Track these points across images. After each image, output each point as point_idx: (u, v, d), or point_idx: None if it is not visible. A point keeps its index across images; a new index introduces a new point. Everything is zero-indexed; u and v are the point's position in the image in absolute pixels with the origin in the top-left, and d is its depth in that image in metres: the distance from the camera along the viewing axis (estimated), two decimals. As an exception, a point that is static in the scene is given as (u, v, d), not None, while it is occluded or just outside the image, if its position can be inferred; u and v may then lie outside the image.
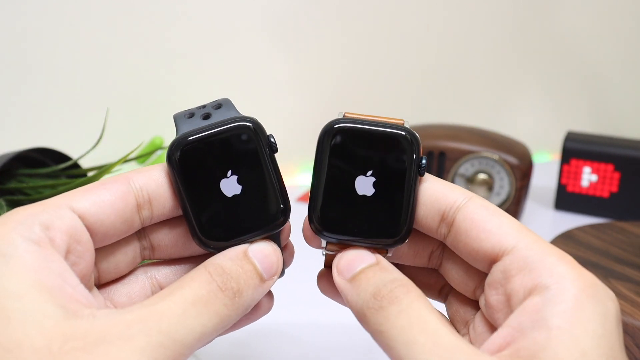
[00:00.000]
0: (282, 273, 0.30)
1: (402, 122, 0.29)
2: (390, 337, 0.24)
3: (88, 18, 0.71)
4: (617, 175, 0.71)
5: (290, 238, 0.31)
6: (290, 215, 0.29)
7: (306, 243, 0.31)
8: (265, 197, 0.28)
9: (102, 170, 0.47)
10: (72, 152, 0.55)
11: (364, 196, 0.28)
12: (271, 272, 0.28)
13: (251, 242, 0.28)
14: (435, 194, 0.28)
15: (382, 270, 0.27)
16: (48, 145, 0.53)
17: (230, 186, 0.28)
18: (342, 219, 0.29)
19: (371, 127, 0.28)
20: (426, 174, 0.29)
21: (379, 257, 0.28)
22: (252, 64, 0.80)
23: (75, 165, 0.53)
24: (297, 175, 0.85)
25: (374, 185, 0.28)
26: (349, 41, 0.84)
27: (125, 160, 0.48)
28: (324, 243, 0.29)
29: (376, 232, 0.28)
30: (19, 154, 0.50)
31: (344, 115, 0.29)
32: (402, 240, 0.29)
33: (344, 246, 0.29)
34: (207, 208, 0.28)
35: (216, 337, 0.26)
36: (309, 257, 0.35)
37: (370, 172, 0.28)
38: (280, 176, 0.29)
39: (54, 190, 0.47)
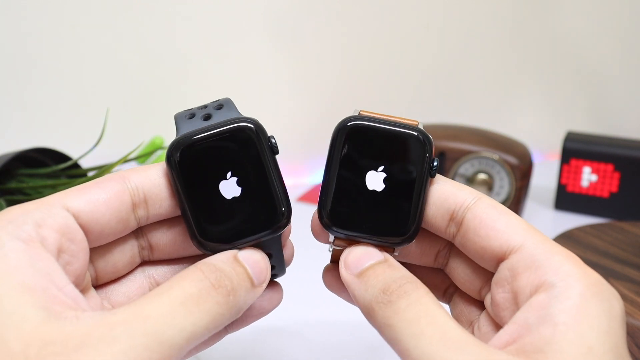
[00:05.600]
0: (283, 271, 0.30)
1: (417, 123, 0.29)
2: (398, 330, 0.24)
3: (88, 18, 0.71)
4: (617, 175, 0.71)
5: (291, 237, 0.31)
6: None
7: (314, 238, 0.31)
8: (266, 199, 0.28)
9: (102, 170, 0.47)
10: (72, 152, 0.55)
11: (374, 192, 0.29)
12: (261, 278, 0.27)
13: (240, 248, 0.28)
14: (444, 194, 0.28)
15: (391, 267, 0.27)
16: (48, 145, 0.53)
17: (229, 188, 0.28)
18: (351, 215, 0.29)
19: (385, 126, 0.28)
20: (437, 175, 0.29)
21: (387, 255, 0.28)
22: (253, 64, 0.80)
23: (75, 165, 0.53)
24: (297, 175, 0.85)
25: (385, 181, 0.29)
26: (350, 42, 0.84)
27: (125, 160, 0.48)
28: (331, 238, 0.30)
29: (385, 230, 0.29)
30: (19, 154, 0.50)
31: (359, 113, 0.29)
32: (409, 240, 0.29)
33: (351, 242, 0.29)
34: (206, 210, 0.27)
35: (208, 337, 0.25)
36: (311, 256, 0.35)
37: (381, 168, 0.29)
38: (282, 178, 0.28)
39: (54, 190, 0.47)
